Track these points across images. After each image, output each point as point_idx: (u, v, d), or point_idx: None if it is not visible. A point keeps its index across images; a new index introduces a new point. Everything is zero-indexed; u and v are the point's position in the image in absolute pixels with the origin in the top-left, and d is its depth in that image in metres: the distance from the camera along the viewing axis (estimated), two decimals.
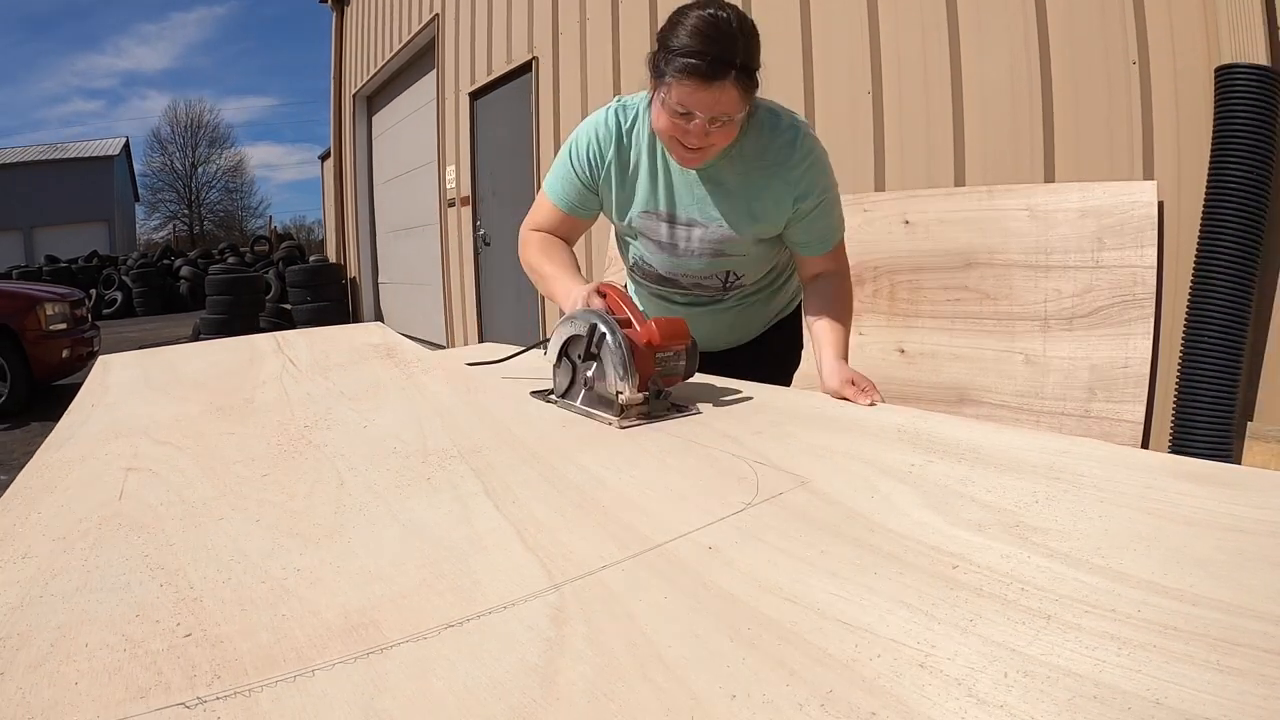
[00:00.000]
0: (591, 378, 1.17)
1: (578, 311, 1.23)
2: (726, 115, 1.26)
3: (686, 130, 1.28)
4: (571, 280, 1.43)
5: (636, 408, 1.11)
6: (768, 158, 1.40)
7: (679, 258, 1.52)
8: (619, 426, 1.07)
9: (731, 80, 1.22)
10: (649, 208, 1.48)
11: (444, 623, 0.55)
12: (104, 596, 0.59)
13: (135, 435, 1.03)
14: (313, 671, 0.49)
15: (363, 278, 10.28)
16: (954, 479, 0.81)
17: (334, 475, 0.86)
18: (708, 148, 1.32)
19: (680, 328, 1.18)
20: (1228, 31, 1.89)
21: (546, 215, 1.57)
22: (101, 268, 17.00)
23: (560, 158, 1.54)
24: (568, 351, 1.23)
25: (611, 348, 1.11)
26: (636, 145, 1.47)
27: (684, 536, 0.69)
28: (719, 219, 1.45)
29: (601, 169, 1.49)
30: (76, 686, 0.48)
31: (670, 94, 1.26)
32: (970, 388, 2.34)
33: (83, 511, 0.77)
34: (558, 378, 1.25)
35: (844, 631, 0.53)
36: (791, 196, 1.41)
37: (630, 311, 1.21)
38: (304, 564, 0.64)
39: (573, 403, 1.20)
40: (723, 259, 1.51)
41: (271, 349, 1.49)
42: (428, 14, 7.04)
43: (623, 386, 1.09)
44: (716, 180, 1.43)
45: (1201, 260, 1.92)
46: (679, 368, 1.19)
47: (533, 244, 1.56)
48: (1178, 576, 0.58)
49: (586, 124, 1.51)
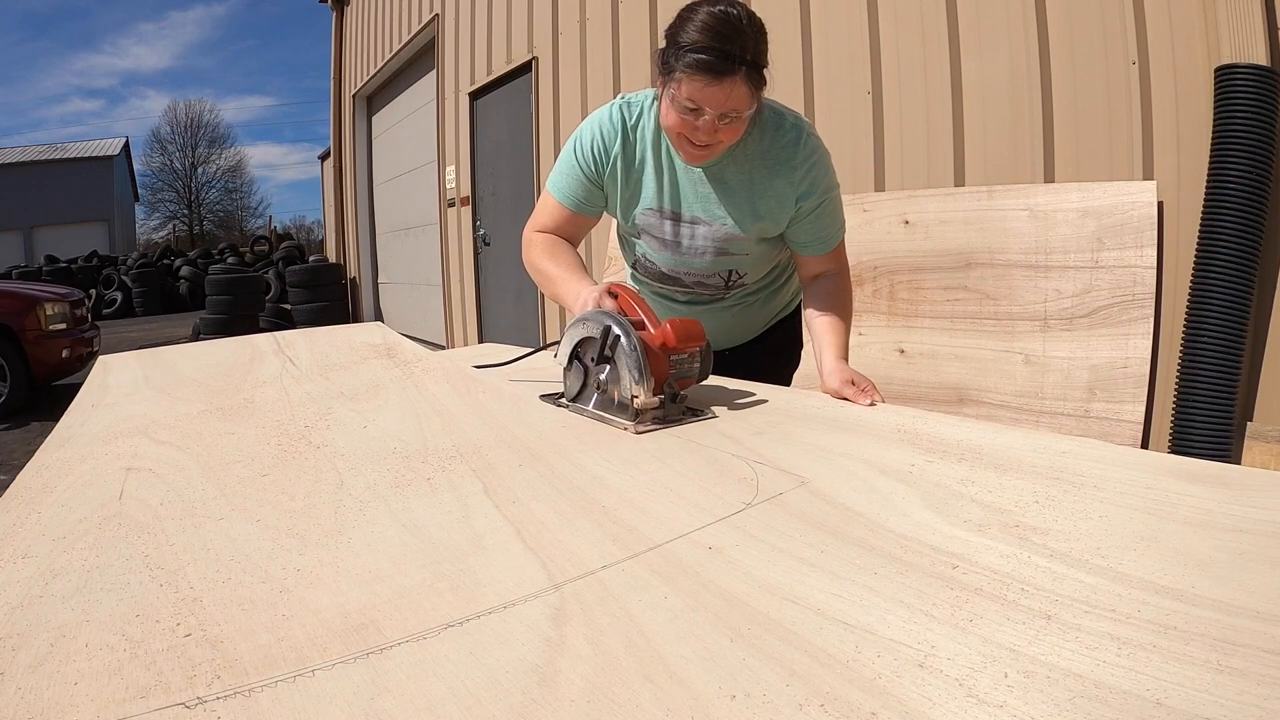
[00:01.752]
0: (604, 381, 1.14)
1: (590, 313, 1.20)
2: (735, 112, 1.26)
3: (695, 127, 1.27)
4: (579, 281, 1.41)
5: (651, 412, 1.08)
6: (771, 156, 1.40)
7: (682, 256, 1.51)
8: (635, 432, 1.04)
9: (741, 76, 1.22)
10: (653, 205, 1.48)
11: (444, 623, 0.55)
12: (104, 597, 0.59)
13: (135, 435, 1.03)
14: (313, 671, 0.49)
15: (362, 278, 10.29)
16: (954, 479, 0.81)
17: (334, 475, 0.86)
18: (715, 145, 1.31)
19: (695, 329, 1.16)
20: (1227, 31, 1.90)
21: (551, 214, 1.55)
22: (101, 268, 16.98)
23: (564, 155, 1.52)
24: (579, 354, 1.20)
25: (626, 350, 1.08)
26: (641, 142, 1.46)
27: (684, 536, 0.69)
28: (723, 217, 1.44)
29: (607, 164, 1.47)
30: (76, 687, 0.48)
31: (679, 90, 1.25)
32: (970, 388, 2.34)
33: (83, 512, 0.77)
34: (569, 381, 1.22)
35: (844, 631, 0.53)
36: (794, 195, 1.41)
37: (643, 312, 1.19)
38: (304, 564, 0.64)
39: (585, 407, 1.17)
40: (726, 258, 1.50)
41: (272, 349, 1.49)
42: (428, 14, 7.05)
43: (638, 390, 1.07)
44: (721, 178, 1.43)
45: (1201, 260, 1.92)
46: (694, 370, 1.16)
47: (537, 245, 1.54)
48: (1178, 577, 0.58)
49: (591, 120, 1.50)
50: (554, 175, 1.55)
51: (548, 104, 4.99)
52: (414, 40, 7.55)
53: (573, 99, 4.72)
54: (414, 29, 7.46)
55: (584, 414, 1.15)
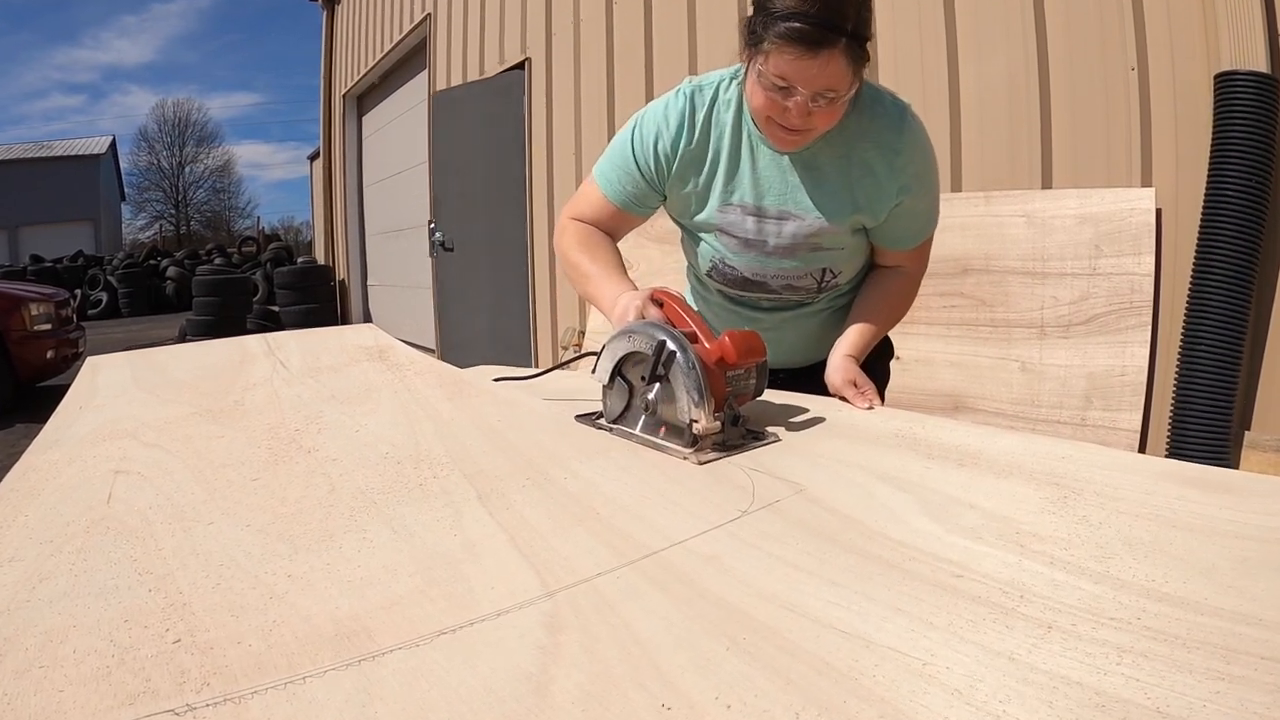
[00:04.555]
0: (653, 401, 1.01)
1: (636, 324, 1.05)
2: (832, 91, 1.10)
3: (784, 108, 1.12)
4: (618, 283, 1.26)
5: (712, 438, 0.96)
6: (870, 139, 1.24)
7: (769, 256, 1.34)
8: (696, 462, 0.92)
9: (841, 49, 1.06)
10: (732, 200, 1.31)
11: (437, 630, 0.54)
12: (91, 602, 0.58)
13: (123, 438, 1.02)
14: (304, 679, 0.49)
15: (352, 280, 10.23)
16: (953, 485, 0.81)
17: (325, 480, 0.85)
18: (808, 130, 1.16)
19: (756, 342, 1.02)
20: (1228, 37, 1.89)
21: (594, 207, 1.38)
22: (87, 268, 16.80)
23: (619, 145, 1.35)
24: (623, 371, 1.06)
25: (684, 368, 0.96)
26: (717, 129, 1.29)
27: (680, 544, 0.68)
28: (814, 209, 1.28)
29: (672, 164, 1.31)
30: (63, 694, 0.47)
31: (768, 64, 1.10)
32: (965, 396, 2.34)
33: (70, 515, 0.76)
34: (610, 401, 1.08)
35: (841, 640, 0.52)
36: (896, 185, 1.26)
37: (695, 323, 1.05)
38: (295, 569, 0.64)
39: (631, 430, 1.04)
40: (819, 254, 1.33)
41: (262, 351, 1.48)
42: (419, 14, 7.03)
43: (697, 414, 0.94)
44: (812, 165, 1.26)
45: (1199, 268, 1.92)
46: (750, 386, 1.04)
47: (571, 234, 1.38)
48: (1180, 584, 0.57)
49: (655, 109, 1.32)
50: (603, 164, 1.38)
51: (540, 105, 4.97)
52: (405, 40, 7.52)
53: (566, 100, 4.71)
54: (405, 29, 7.44)
55: (632, 439, 1.02)
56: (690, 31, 3.73)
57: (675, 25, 3.83)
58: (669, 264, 3.11)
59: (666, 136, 1.29)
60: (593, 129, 4.50)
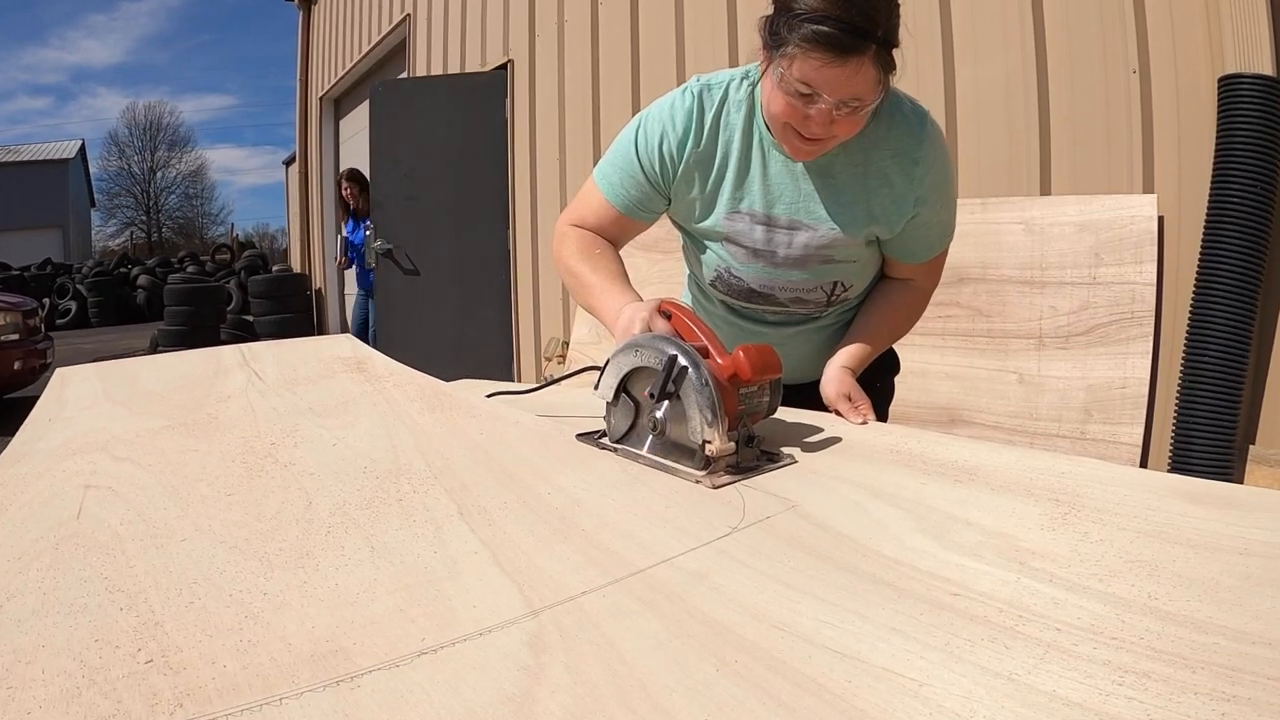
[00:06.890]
0: (661, 420, 0.96)
1: (643, 338, 1.00)
2: (858, 100, 1.05)
3: (805, 115, 1.08)
4: (621, 294, 1.21)
5: (725, 459, 0.92)
6: (888, 147, 1.20)
7: (778, 267, 1.29)
8: (711, 485, 0.87)
9: (871, 57, 1.02)
10: (740, 207, 1.26)
11: (417, 650, 0.53)
12: (61, 620, 0.57)
13: (94, 451, 1.00)
14: (280, 700, 0.48)
15: (328, 289, 10.08)
16: (949, 501, 0.79)
17: (302, 495, 0.84)
18: (827, 139, 1.12)
19: (771, 357, 0.97)
20: (1231, 40, 1.88)
21: (595, 212, 1.33)
22: (55, 276, 16.39)
23: (622, 146, 1.30)
24: (628, 387, 1.01)
25: (696, 386, 0.91)
26: (727, 132, 1.24)
27: (667, 561, 0.67)
28: (828, 219, 1.23)
29: (678, 166, 1.26)
30: (30, 716, 0.46)
31: (791, 68, 1.04)
32: (961, 408, 2.32)
33: (39, 531, 0.75)
34: (614, 419, 1.03)
35: (834, 660, 0.51)
36: (913, 196, 1.22)
37: (706, 337, 1.01)
38: (271, 588, 0.62)
39: (638, 451, 0.98)
40: (831, 266, 1.28)
41: (237, 362, 1.46)
42: (399, 14, 7.00)
43: (710, 434, 0.89)
44: (827, 173, 1.22)
45: (1203, 277, 1.91)
46: (763, 404, 0.99)
47: (572, 241, 1.33)
48: (1183, 602, 0.56)
49: (661, 108, 1.27)
50: (604, 166, 1.32)
51: (523, 108, 4.96)
52: (384, 41, 7.46)
53: (550, 103, 4.70)
54: (384, 30, 7.39)
55: (639, 460, 0.97)
56: (678, 33, 3.71)
57: (663, 26, 3.80)
58: (655, 273, 3.09)
59: (672, 137, 1.24)
60: (577, 133, 4.47)
